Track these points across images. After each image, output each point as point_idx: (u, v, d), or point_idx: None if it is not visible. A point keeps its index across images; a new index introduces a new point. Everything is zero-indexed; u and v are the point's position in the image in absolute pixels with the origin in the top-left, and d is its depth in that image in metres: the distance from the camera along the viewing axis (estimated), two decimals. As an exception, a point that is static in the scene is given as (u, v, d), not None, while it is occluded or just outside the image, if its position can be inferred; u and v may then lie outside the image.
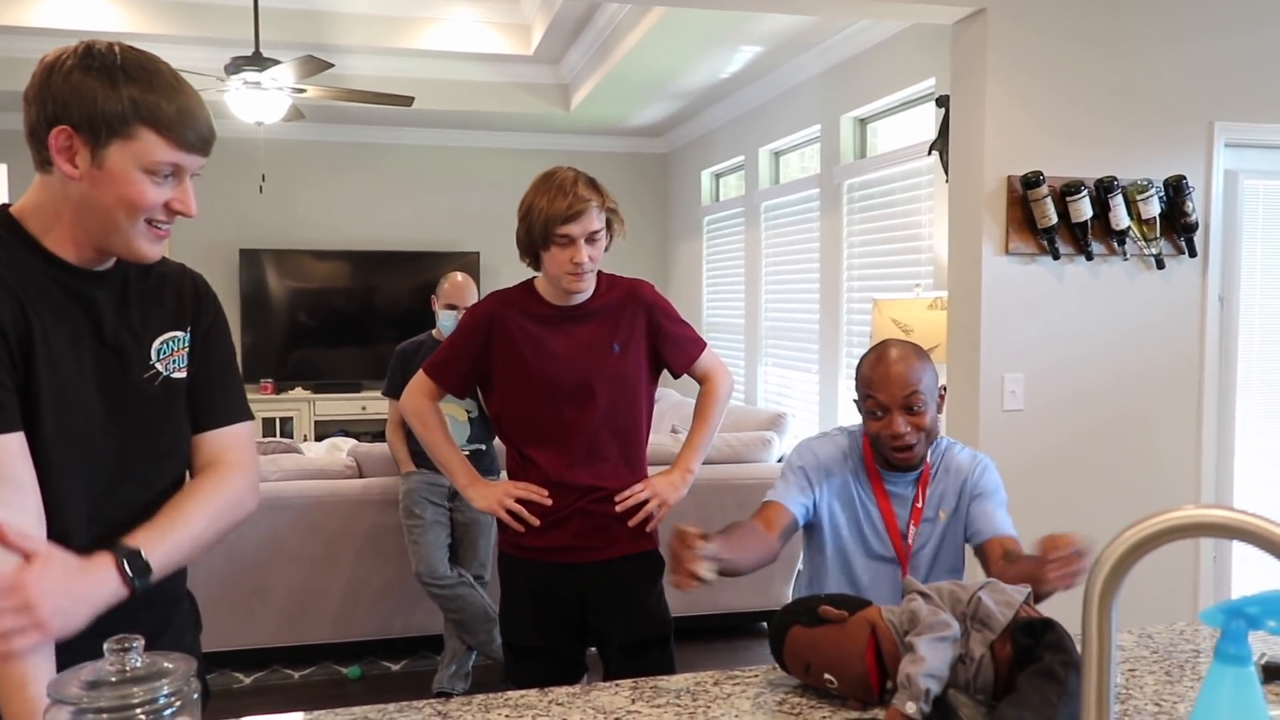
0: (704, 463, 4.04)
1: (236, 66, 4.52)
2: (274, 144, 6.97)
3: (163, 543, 1.24)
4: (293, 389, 7.06)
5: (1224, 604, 0.91)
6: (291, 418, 6.94)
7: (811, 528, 1.95)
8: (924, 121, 4.39)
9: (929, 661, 1.24)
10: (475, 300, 3.74)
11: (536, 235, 2.08)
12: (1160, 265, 3.35)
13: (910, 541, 1.90)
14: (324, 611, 3.81)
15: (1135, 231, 3.30)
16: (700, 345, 2.32)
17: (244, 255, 6.96)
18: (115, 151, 1.20)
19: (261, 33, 4.74)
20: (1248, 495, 3.58)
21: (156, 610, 1.35)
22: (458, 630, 3.54)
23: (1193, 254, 3.37)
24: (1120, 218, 3.24)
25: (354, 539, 3.81)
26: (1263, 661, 1.46)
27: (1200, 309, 3.43)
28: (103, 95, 1.19)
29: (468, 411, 3.62)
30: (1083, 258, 3.28)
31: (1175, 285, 3.40)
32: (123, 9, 5.42)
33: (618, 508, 2.15)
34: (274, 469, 3.77)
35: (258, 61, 4.50)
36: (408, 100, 4.94)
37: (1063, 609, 1.47)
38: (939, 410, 1.90)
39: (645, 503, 2.16)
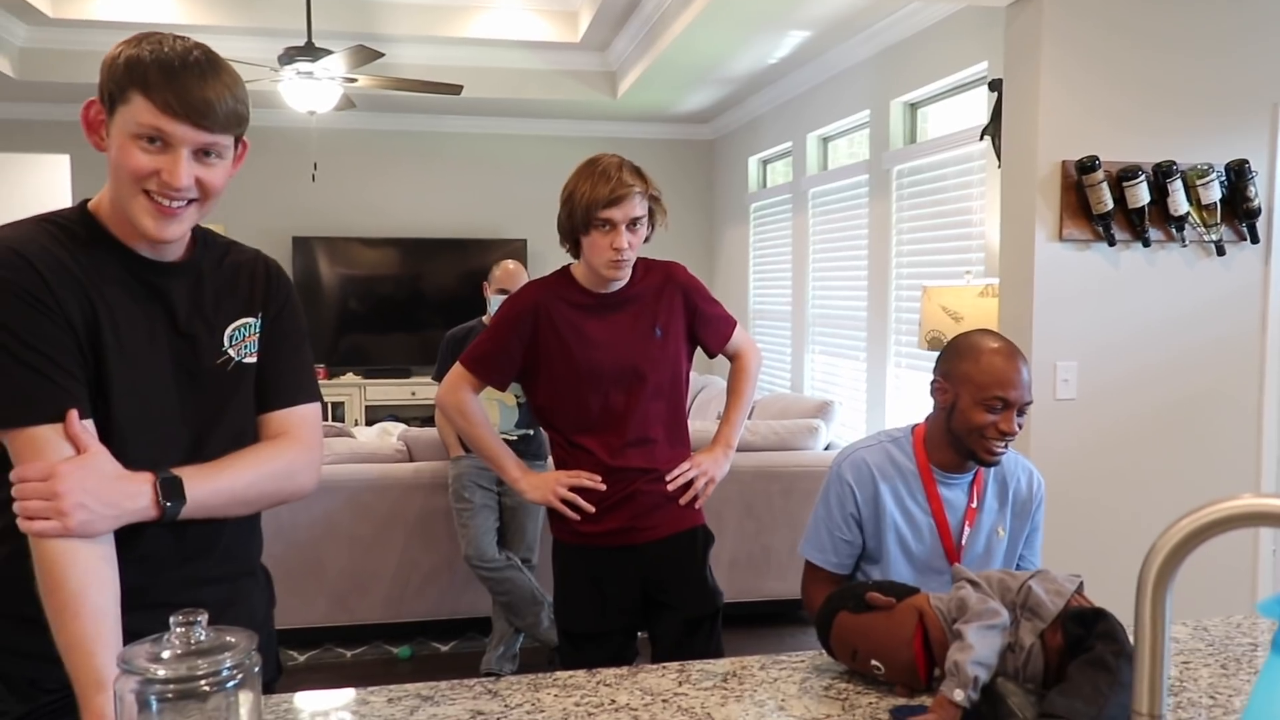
0: (751, 449, 4.06)
1: (289, 57, 4.59)
2: (326, 133, 7.07)
3: (204, 482, 1.27)
4: (344, 374, 7.18)
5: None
6: (343, 403, 7.06)
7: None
8: (976, 106, 4.32)
9: (977, 649, 1.23)
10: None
11: (578, 219, 2.08)
12: (1221, 252, 3.27)
13: (963, 543, 1.88)
14: (375, 592, 3.88)
15: (1195, 217, 3.22)
16: (732, 323, 2.34)
17: (297, 243, 7.08)
18: (117, 119, 1.23)
19: (314, 23, 4.80)
20: (1310, 488, 3.48)
21: (227, 583, 1.40)
22: (505, 613, 3.59)
23: (1255, 240, 3.28)
24: (1179, 203, 3.17)
25: (404, 522, 3.87)
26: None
27: (1263, 296, 3.34)
28: (117, 67, 1.23)
29: (517, 397, 3.66)
30: (1139, 244, 3.21)
31: (1236, 272, 3.31)
32: (179, 1, 5.52)
33: (669, 486, 2.17)
34: (326, 453, 3.84)
35: (310, 51, 4.57)
36: (457, 89, 4.98)
37: (1115, 599, 1.46)
38: None
39: (694, 480, 2.19)
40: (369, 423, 6.84)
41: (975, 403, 1.78)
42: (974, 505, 1.86)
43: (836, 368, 5.69)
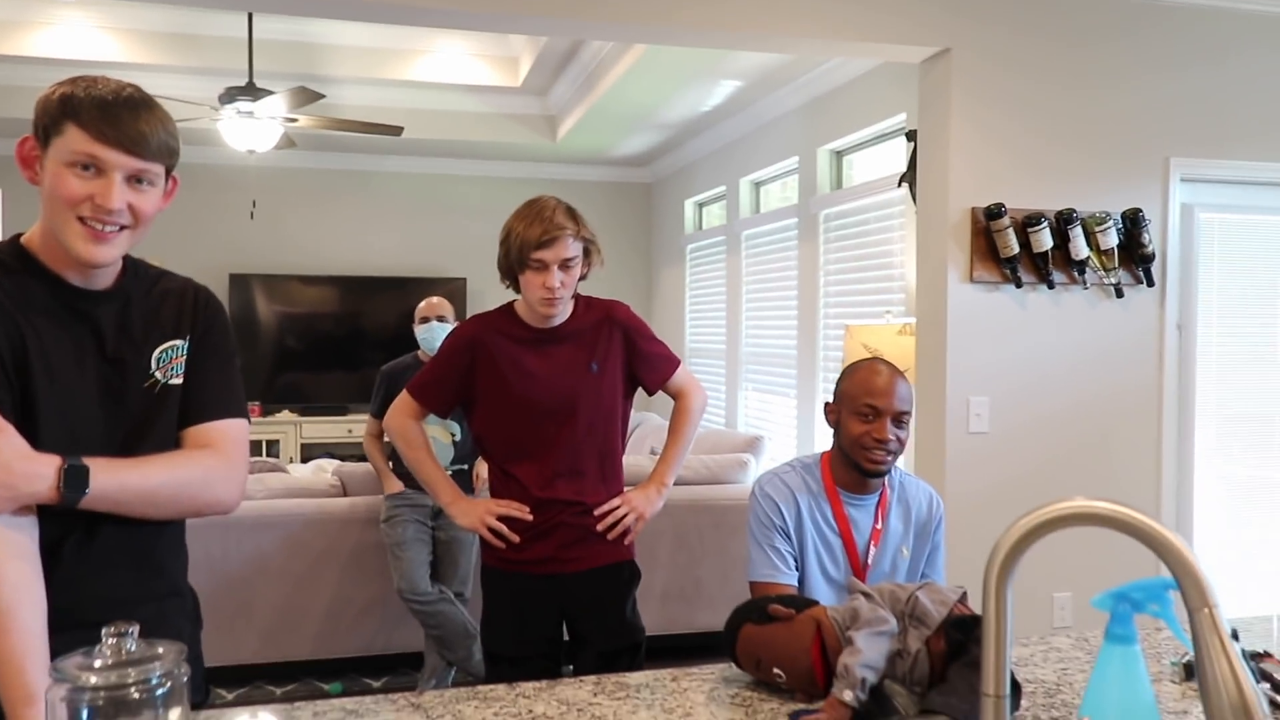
0: (682, 483, 4.15)
1: (230, 96, 4.64)
2: (265, 171, 7.10)
3: (111, 474, 1.30)
4: (280, 412, 7.13)
5: (1112, 590, 1.02)
6: (278, 440, 7.00)
7: None
8: (896, 154, 4.54)
9: (865, 653, 1.33)
10: (449, 312, 3.85)
11: (513, 259, 2.18)
12: (1119, 294, 3.48)
13: (869, 562, 1.99)
14: (306, 629, 3.87)
15: (1095, 261, 3.44)
16: (674, 363, 2.40)
17: (234, 280, 7.05)
18: (51, 150, 1.29)
19: (255, 64, 4.87)
20: (1207, 516, 3.69)
21: (153, 603, 1.43)
22: (438, 646, 3.61)
23: (1150, 283, 3.50)
24: (1080, 248, 3.38)
25: (337, 557, 3.88)
26: (1184, 660, 1.56)
27: (1159, 337, 3.56)
28: (51, 102, 1.30)
29: (452, 434, 3.71)
30: (1044, 286, 3.42)
31: (1134, 314, 3.53)
32: (119, 40, 5.54)
33: (598, 526, 2.24)
34: (260, 488, 3.85)
35: (251, 92, 4.62)
36: (397, 130, 5.07)
37: (1020, 620, 1.57)
38: None
39: (623, 517, 2.26)
40: (304, 460, 6.79)
41: (851, 414, 1.95)
42: (879, 526, 1.98)
43: (769, 404, 5.84)
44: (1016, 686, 1.39)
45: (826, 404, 2.05)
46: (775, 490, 2.02)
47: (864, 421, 1.93)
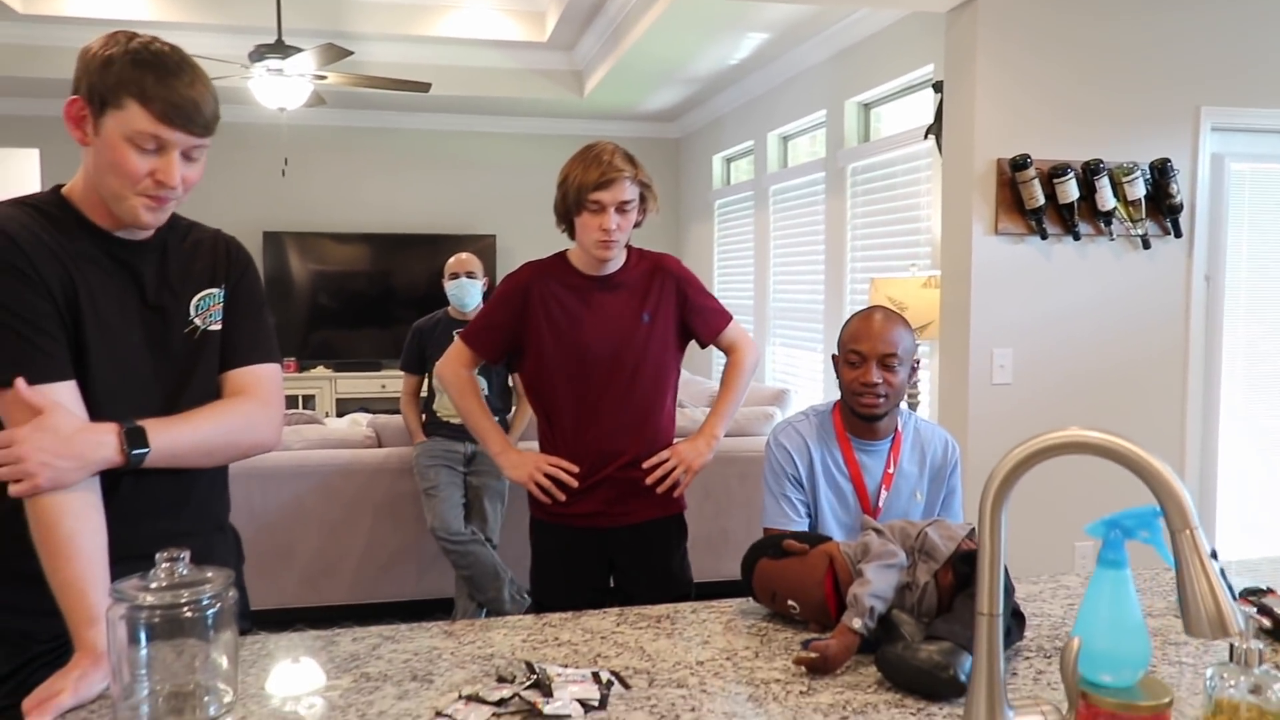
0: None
1: (260, 54, 4.70)
2: (296, 129, 7.16)
3: (166, 431, 1.38)
4: (315, 368, 7.28)
5: (1104, 518, 1.07)
6: (314, 395, 7.16)
7: None
8: (924, 106, 4.51)
9: (875, 584, 1.39)
10: (479, 268, 3.91)
11: (571, 201, 2.18)
12: (1146, 245, 3.47)
13: (880, 505, 2.04)
14: (343, 574, 4.00)
15: (1121, 212, 3.42)
16: (726, 317, 2.38)
17: (267, 238, 7.16)
18: (109, 121, 1.33)
19: (283, 21, 4.91)
20: (1232, 466, 3.70)
21: (200, 538, 1.52)
22: (468, 587, 3.73)
23: (1178, 234, 3.49)
24: (1106, 199, 3.36)
25: (372, 506, 4.00)
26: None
27: (1186, 288, 3.55)
28: (106, 70, 1.34)
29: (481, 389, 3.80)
30: (1070, 238, 3.41)
31: (1161, 265, 3.52)
32: (151, -2, 5.61)
33: (648, 480, 2.24)
34: (297, 439, 3.96)
35: (280, 49, 4.67)
36: (425, 86, 5.10)
37: (1043, 565, 1.62)
38: (910, 377, 2.06)
39: (673, 469, 2.25)
40: (339, 415, 6.94)
41: (843, 361, 2.02)
42: (891, 470, 2.03)
43: (796, 358, 5.88)
44: (1021, 618, 1.45)
45: (832, 355, 2.10)
46: (789, 439, 2.07)
47: (853, 368, 1.99)
